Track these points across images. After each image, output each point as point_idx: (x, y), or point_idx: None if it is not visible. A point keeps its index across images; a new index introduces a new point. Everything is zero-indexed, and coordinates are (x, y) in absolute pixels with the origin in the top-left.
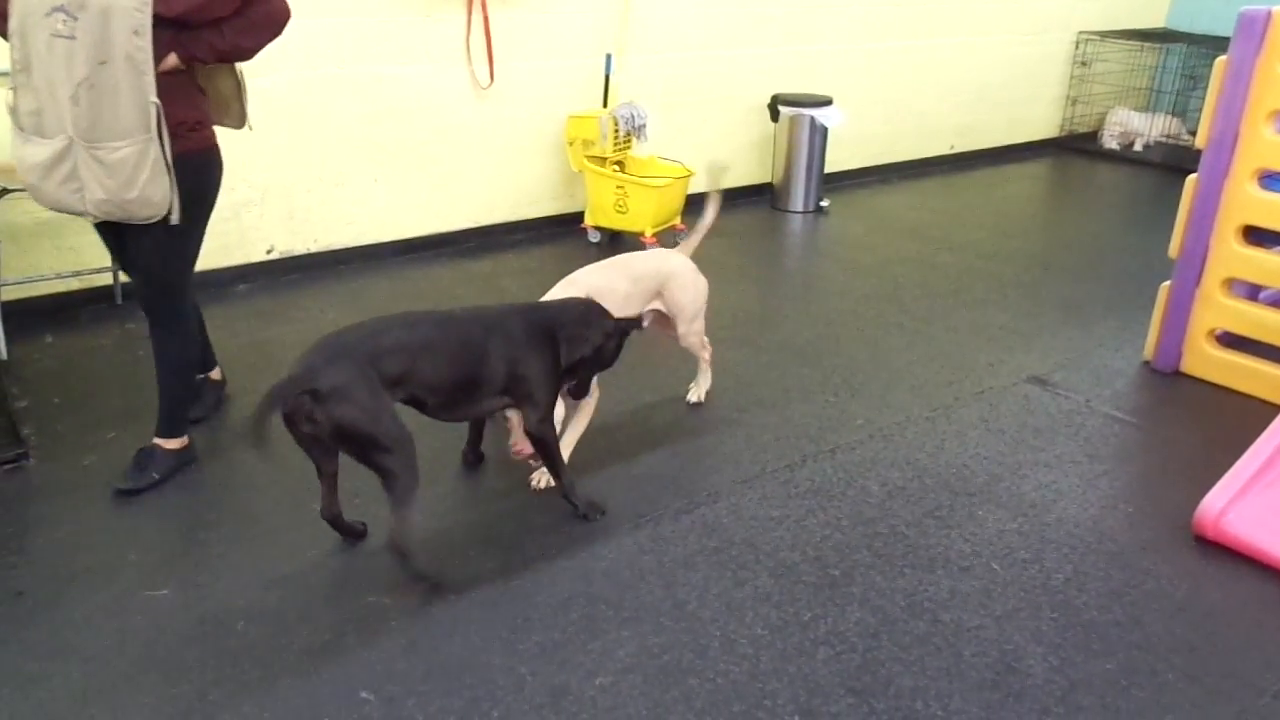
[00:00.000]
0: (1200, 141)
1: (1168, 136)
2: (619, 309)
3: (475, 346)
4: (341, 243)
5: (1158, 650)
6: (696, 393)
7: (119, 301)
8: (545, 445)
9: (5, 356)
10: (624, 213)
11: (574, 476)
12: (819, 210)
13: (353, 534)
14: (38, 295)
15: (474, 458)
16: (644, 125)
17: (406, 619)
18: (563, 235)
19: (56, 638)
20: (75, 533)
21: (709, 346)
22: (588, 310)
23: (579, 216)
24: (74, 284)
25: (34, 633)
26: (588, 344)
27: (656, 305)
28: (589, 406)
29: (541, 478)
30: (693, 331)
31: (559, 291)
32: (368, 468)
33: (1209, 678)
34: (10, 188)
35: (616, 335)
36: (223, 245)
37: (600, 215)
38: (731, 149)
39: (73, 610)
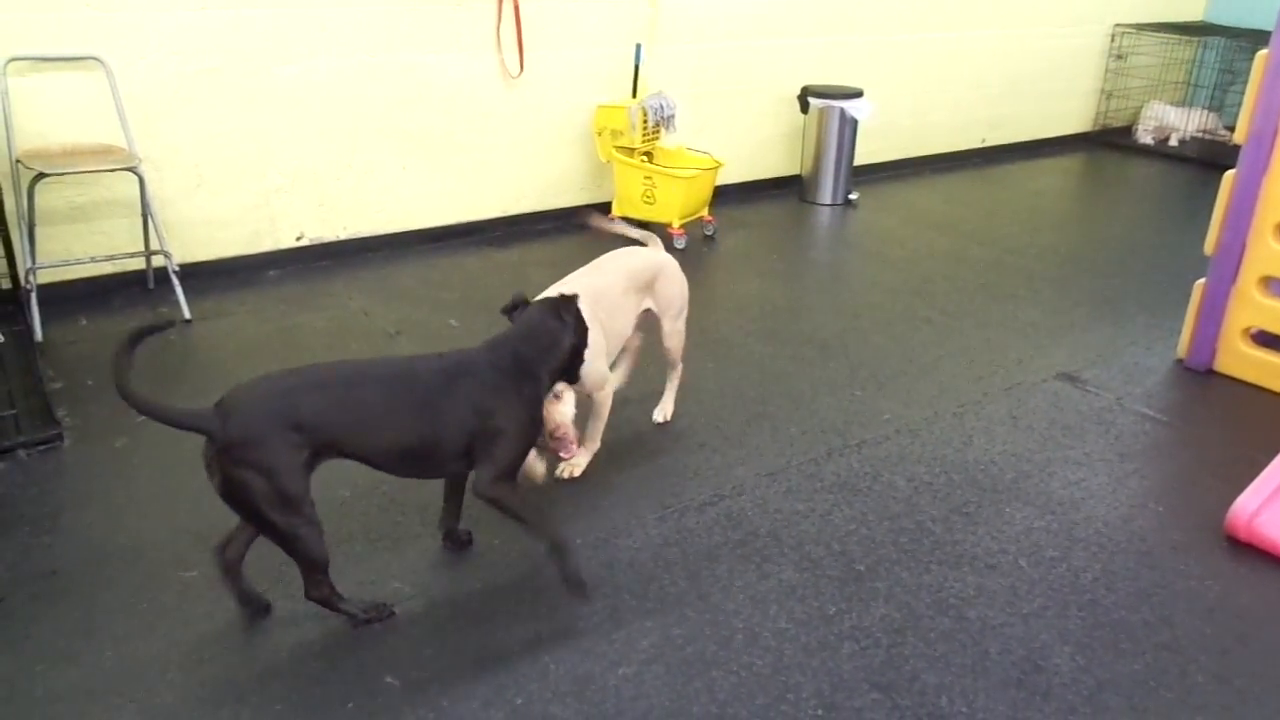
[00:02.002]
0: (1239, 137)
1: (1204, 131)
2: (619, 308)
3: (431, 406)
4: (370, 230)
5: (1187, 651)
6: (664, 411)
7: (151, 286)
8: (502, 506)
9: (40, 339)
10: (652, 203)
11: (563, 533)
12: (848, 203)
13: (249, 602)
14: (72, 279)
15: (453, 543)
16: (673, 116)
17: (431, 608)
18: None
19: (89, 617)
20: (107, 513)
21: (682, 361)
22: (550, 323)
23: (606, 207)
24: (107, 268)
25: (67, 611)
26: (564, 356)
27: (648, 304)
28: (606, 394)
29: (569, 468)
30: (677, 330)
31: (553, 294)
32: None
33: (1239, 680)
34: (46, 172)
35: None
36: (253, 231)
37: (628, 206)
38: (760, 140)
39: (105, 590)
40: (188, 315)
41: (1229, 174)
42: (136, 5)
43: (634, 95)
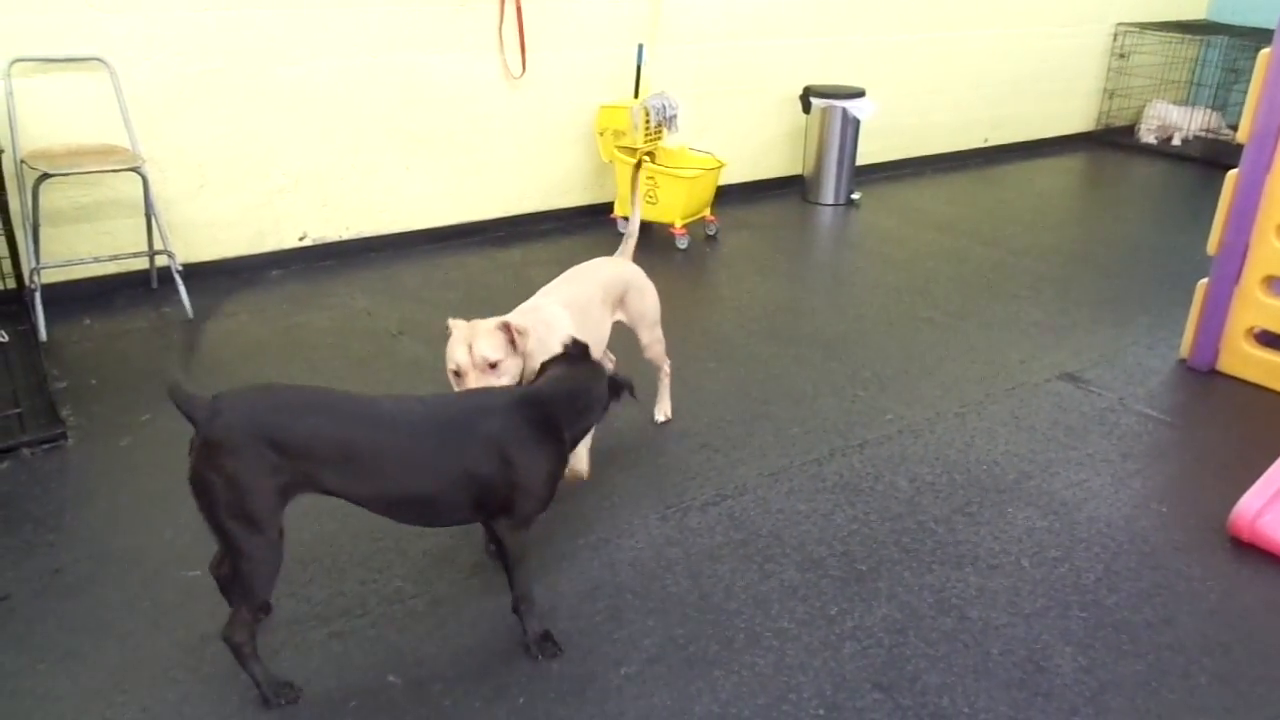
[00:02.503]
0: (1242, 136)
1: (1207, 131)
2: (596, 321)
3: (442, 458)
4: (373, 230)
5: (1189, 652)
6: (663, 410)
7: (154, 286)
8: (509, 551)
9: (45, 338)
10: (654, 203)
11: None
12: (850, 203)
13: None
14: (76, 279)
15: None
16: (675, 116)
17: (434, 607)
18: (592, 225)
19: (93, 615)
20: (112, 512)
21: (668, 358)
22: (587, 385)
23: (609, 207)
24: (111, 268)
25: (72, 609)
26: (592, 419)
27: (619, 316)
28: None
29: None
30: (656, 339)
31: (537, 302)
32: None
33: (1242, 681)
34: (50, 172)
35: (613, 394)
36: (257, 231)
37: (630, 206)
38: (762, 140)
39: (109, 588)
40: (191, 315)
41: (1232, 173)
42: (140, 6)
43: (636, 95)
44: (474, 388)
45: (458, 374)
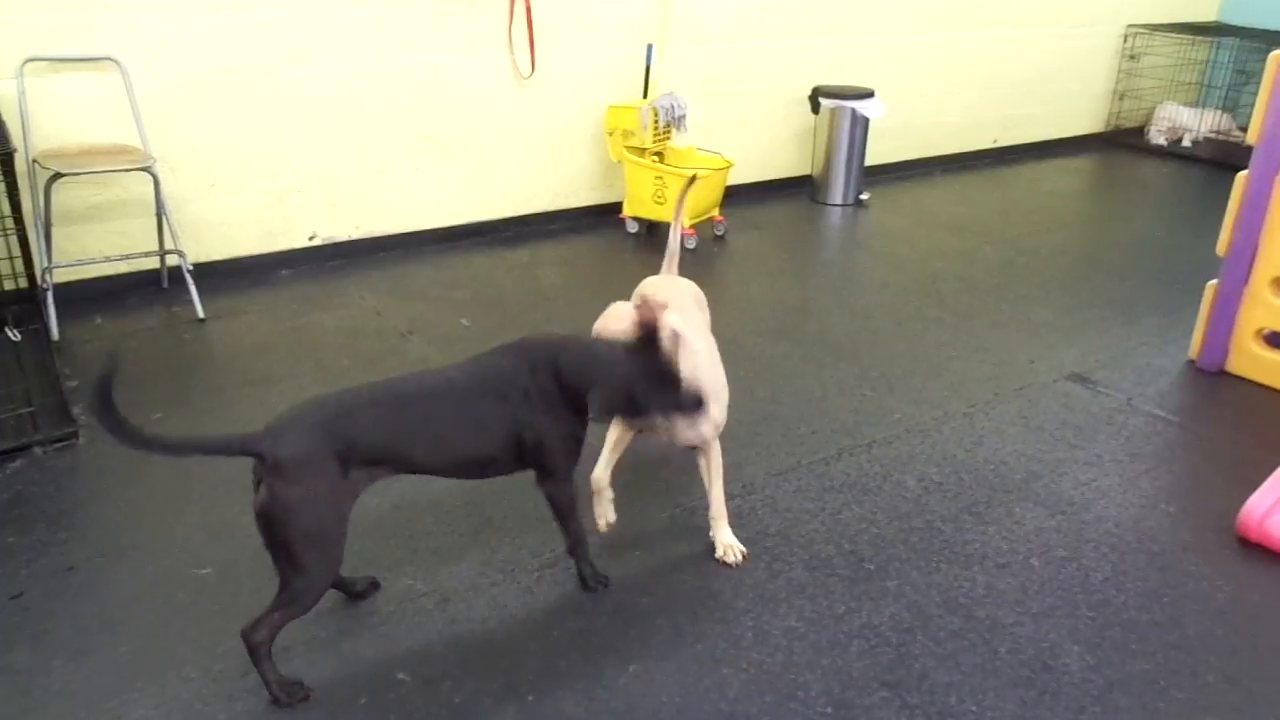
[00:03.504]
0: (1252, 137)
1: (1217, 132)
2: (713, 344)
3: (481, 420)
4: (383, 230)
5: (1197, 652)
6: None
7: (165, 285)
8: (555, 503)
9: (57, 337)
10: (662, 204)
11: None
12: (859, 203)
13: (349, 591)
14: (88, 278)
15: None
16: (684, 116)
17: (443, 604)
18: (601, 225)
19: (104, 612)
20: (123, 511)
21: None
22: (626, 371)
23: (617, 207)
24: (122, 267)
25: (83, 607)
26: (620, 406)
27: None
28: (713, 449)
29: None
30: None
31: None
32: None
33: (1249, 680)
34: (62, 172)
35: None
36: (266, 231)
37: (639, 206)
38: (771, 140)
39: (120, 586)
40: (201, 314)
41: (1241, 174)
42: (152, 6)
43: (645, 95)
44: (504, 346)
45: None
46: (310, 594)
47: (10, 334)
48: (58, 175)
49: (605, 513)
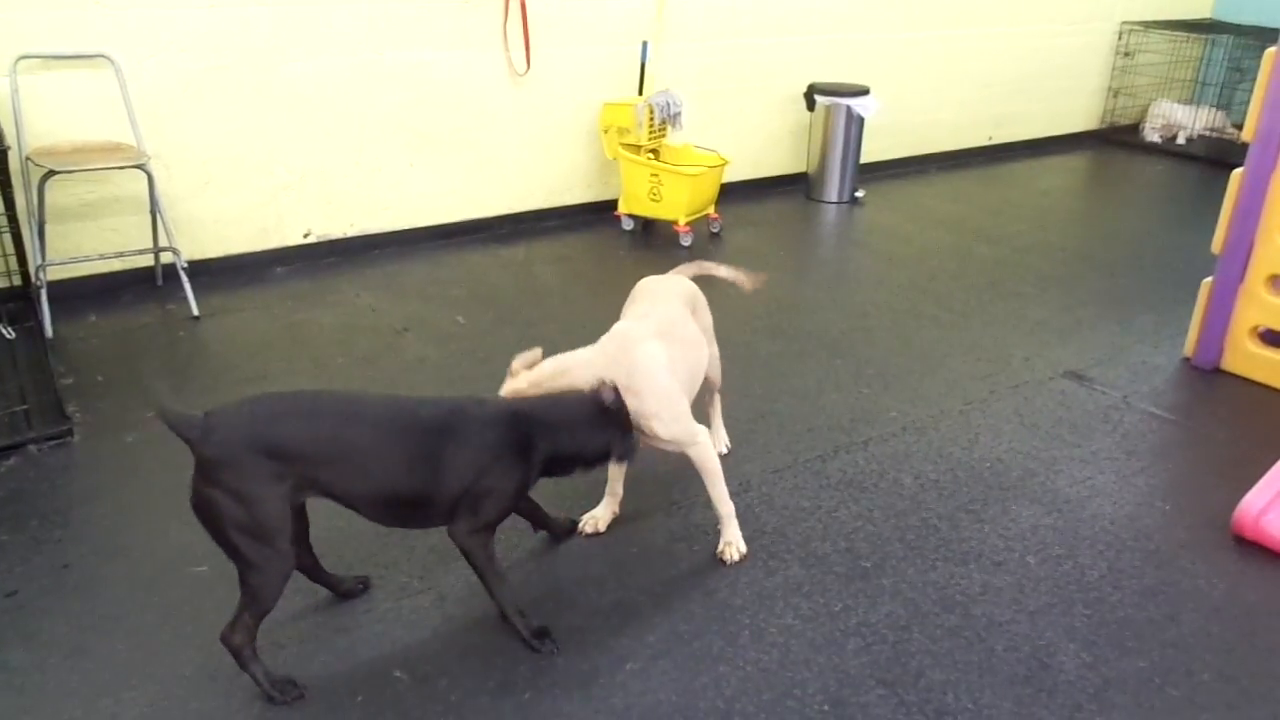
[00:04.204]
0: (1247, 135)
1: (1212, 130)
2: (692, 341)
3: (423, 459)
4: (377, 227)
5: (1193, 649)
6: (721, 442)
7: (159, 283)
8: (471, 558)
9: (51, 335)
10: (658, 201)
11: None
12: (854, 201)
13: (336, 589)
14: (82, 276)
15: (555, 537)
16: (679, 113)
17: (439, 602)
18: (596, 223)
19: (100, 610)
20: (118, 508)
21: None
22: (586, 432)
23: (613, 204)
24: (116, 265)
25: (78, 604)
26: (579, 454)
27: None
28: (704, 449)
29: (589, 525)
30: (715, 355)
31: (631, 321)
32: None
33: (1245, 678)
34: (56, 169)
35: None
36: (260, 228)
37: (634, 203)
38: (766, 138)
39: (116, 584)
40: (196, 312)
41: (1237, 172)
42: (146, 3)
43: (640, 93)
44: (461, 397)
45: None
46: (267, 589)
47: (5, 331)
48: (51, 173)
49: (605, 519)
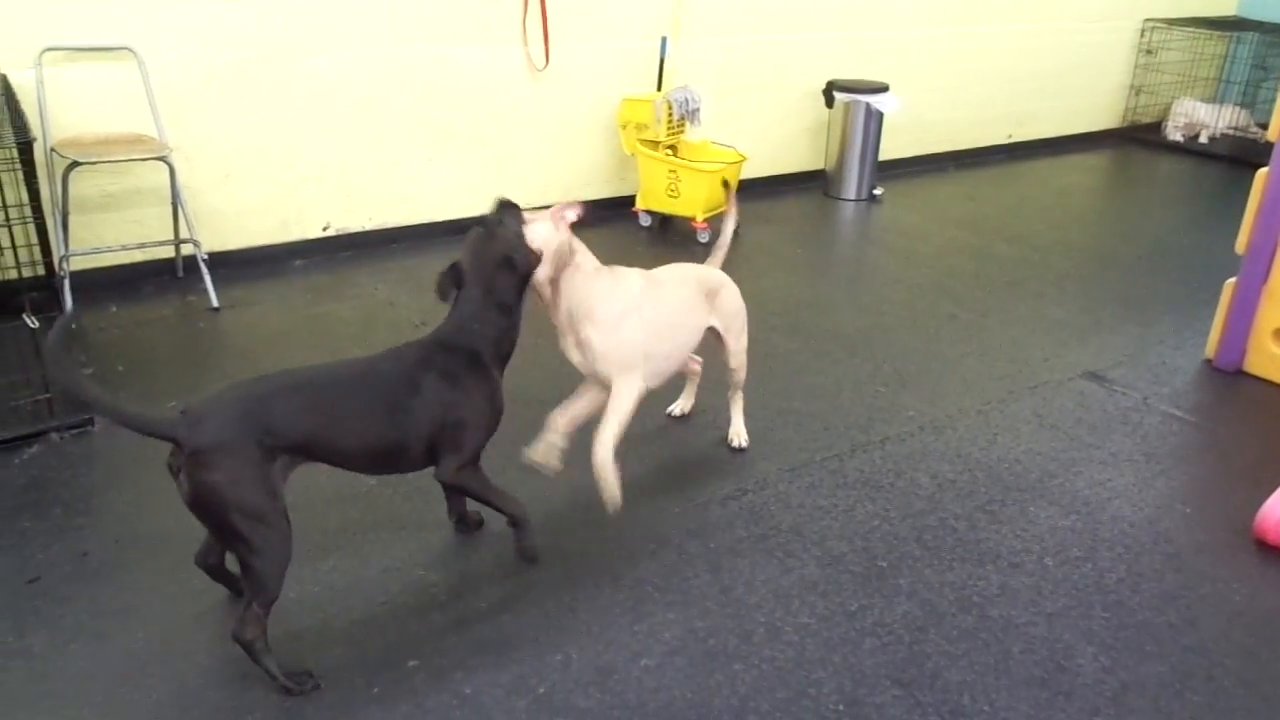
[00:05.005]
0: (1272, 134)
1: (1235, 129)
2: (681, 324)
3: (400, 405)
4: (396, 221)
5: (1213, 654)
6: (739, 437)
7: (180, 274)
8: (468, 489)
9: (73, 325)
10: (676, 197)
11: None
12: (872, 198)
13: (234, 587)
14: (103, 266)
15: (465, 527)
16: (698, 109)
17: (455, 596)
18: (614, 218)
19: (119, 598)
20: (137, 498)
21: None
22: (488, 311)
23: (630, 200)
24: (137, 256)
25: (99, 591)
26: (512, 312)
27: (713, 321)
28: (627, 386)
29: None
30: (742, 348)
31: (622, 269)
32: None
33: (1266, 684)
34: (80, 160)
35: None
36: (281, 221)
37: (652, 199)
38: (785, 135)
39: (135, 572)
40: (215, 303)
41: (1261, 172)
42: None
43: (659, 88)
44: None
45: None
46: (272, 575)
47: (29, 320)
48: (75, 164)
49: (545, 453)
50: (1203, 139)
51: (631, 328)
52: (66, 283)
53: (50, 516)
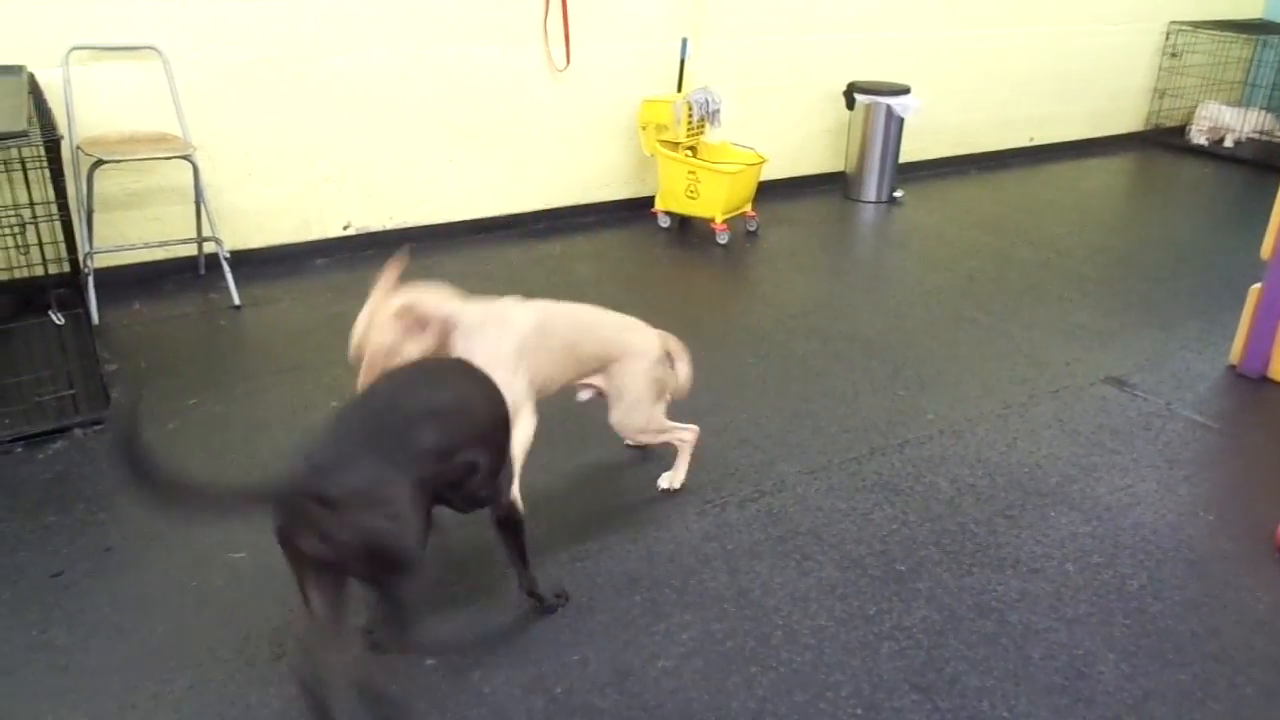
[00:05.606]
0: None
1: (1261, 132)
2: (558, 360)
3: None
4: (416, 220)
5: (1236, 663)
6: (668, 479)
7: (202, 272)
8: (523, 524)
9: (97, 321)
10: (695, 198)
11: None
12: (893, 201)
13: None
14: (127, 264)
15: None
16: (718, 111)
17: (473, 595)
18: (633, 219)
19: (141, 593)
20: None
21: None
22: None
23: (649, 201)
24: (160, 253)
25: (121, 586)
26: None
27: (597, 381)
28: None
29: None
30: (629, 423)
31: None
32: (369, 591)
33: None
34: (105, 158)
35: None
36: (302, 220)
37: (671, 200)
38: (805, 136)
39: (157, 568)
40: (237, 301)
41: None
42: None
43: (679, 89)
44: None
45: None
46: (415, 610)
47: (54, 317)
48: (100, 162)
49: None
50: (1228, 143)
51: (516, 373)
52: (91, 280)
53: (74, 511)
